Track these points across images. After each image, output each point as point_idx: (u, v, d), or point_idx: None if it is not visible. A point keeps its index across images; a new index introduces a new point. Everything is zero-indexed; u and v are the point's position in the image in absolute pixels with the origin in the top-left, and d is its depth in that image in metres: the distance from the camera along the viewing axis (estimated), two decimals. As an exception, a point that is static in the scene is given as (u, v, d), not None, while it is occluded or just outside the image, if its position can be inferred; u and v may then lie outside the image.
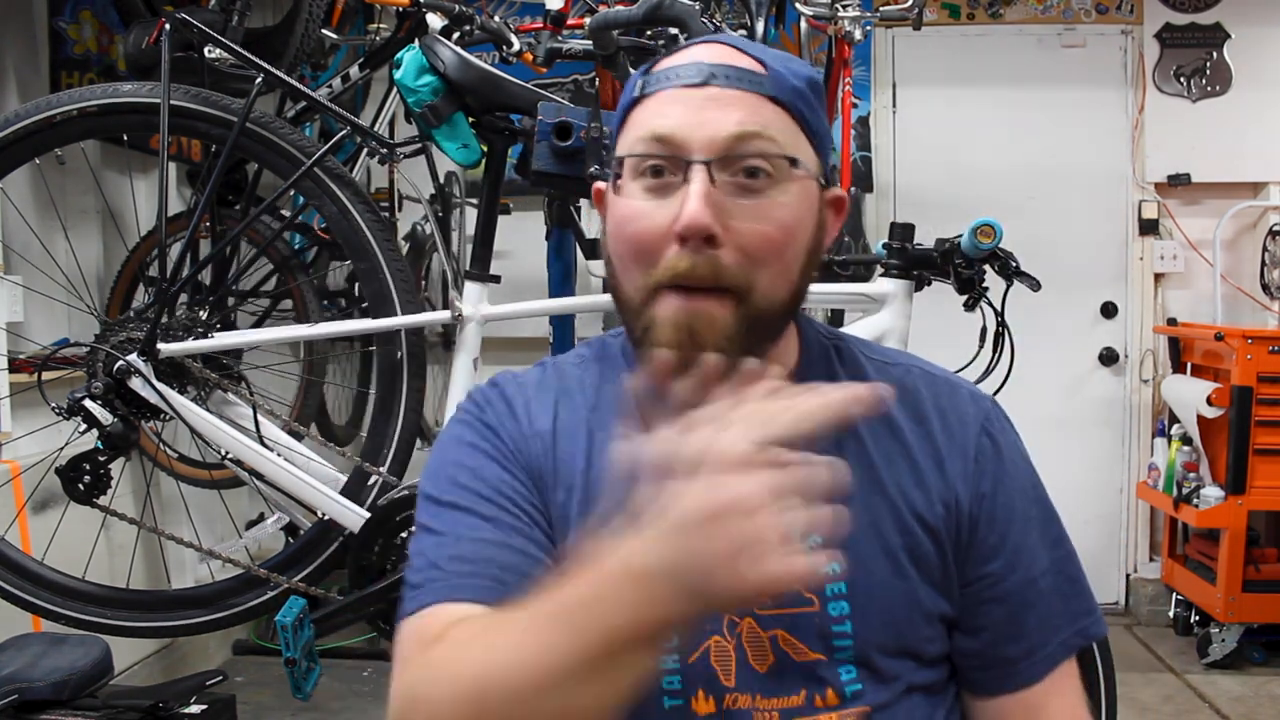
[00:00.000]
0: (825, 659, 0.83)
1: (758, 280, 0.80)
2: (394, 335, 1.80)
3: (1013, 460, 0.92)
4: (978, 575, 0.88)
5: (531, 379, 0.94)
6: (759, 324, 0.81)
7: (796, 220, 0.82)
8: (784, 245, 0.82)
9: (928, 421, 0.90)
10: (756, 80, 0.82)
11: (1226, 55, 3.70)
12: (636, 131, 0.83)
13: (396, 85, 1.72)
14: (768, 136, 0.81)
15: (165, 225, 1.82)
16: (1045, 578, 0.90)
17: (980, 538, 0.88)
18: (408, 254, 3.04)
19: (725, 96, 0.81)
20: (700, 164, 0.79)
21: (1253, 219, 3.74)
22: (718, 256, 0.79)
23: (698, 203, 0.78)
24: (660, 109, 0.82)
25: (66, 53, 2.77)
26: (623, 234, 0.83)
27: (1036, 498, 0.93)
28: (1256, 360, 3.19)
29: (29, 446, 2.29)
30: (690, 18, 1.66)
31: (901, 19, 2.63)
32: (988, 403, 0.94)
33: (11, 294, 2.42)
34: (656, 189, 0.81)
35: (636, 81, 0.86)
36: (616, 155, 0.85)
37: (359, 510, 1.75)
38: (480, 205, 1.81)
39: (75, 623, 1.83)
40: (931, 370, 0.95)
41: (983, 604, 0.88)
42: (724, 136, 0.80)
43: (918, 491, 0.87)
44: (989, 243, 1.67)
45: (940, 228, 1.82)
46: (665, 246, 0.80)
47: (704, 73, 0.82)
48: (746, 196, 0.80)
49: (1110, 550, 3.84)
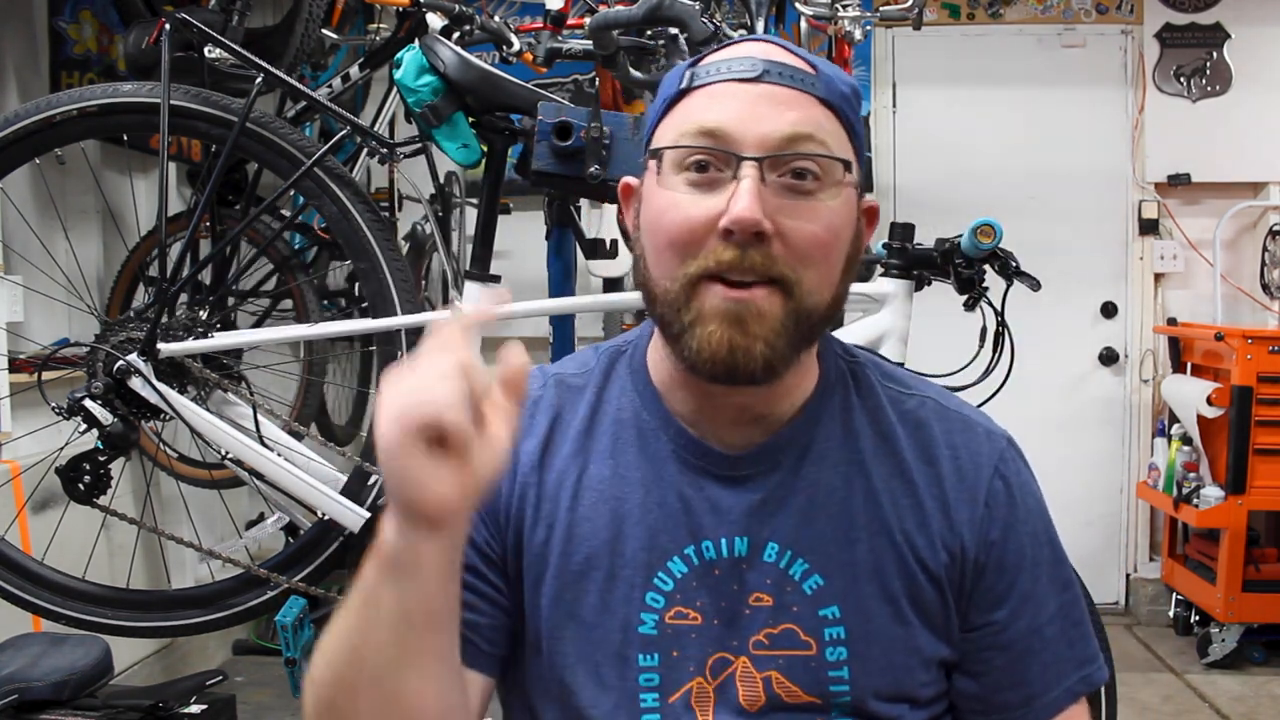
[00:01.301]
0: (819, 702, 0.82)
1: (804, 277, 0.78)
2: (394, 335, 1.79)
3: (1025, 504, 0.89)
4: (983, 622, 0.86)
5: (530, 400, 0.89)
6: (806, 321, 0.79)
7: (842, 224, 0.81)
8: (830, 247, 0.80)
9: (938, 463, 0.87)
10: (809, 81, 0.80)
11: (1226, 55, 3.70)
12: (684, 124, 0.81)
13: (396, 85, 1.71)
14: (819, 139, 0.79)
15: (165, 225, 1.82)
16: (1052, 625, 0.88)
17: (987, 585, 0.86)
18: (408, 254, 3.04)
19: (779, 94, 0.79)
20: (753, 161, 0.77)
21: (1253, 219, 3.74)
22: (767, 249, 0.77)
23: (750, 199, 0.76)
24: (711, 102, 0.80)
25: (66, 53, 2.77)
26: (661, 223, 0.80)
27: (1047, 540, 0.90)
28: (1256, 360, 3.19)
29: (29, 446, 2.29)
30: (690, 18, 1.65)
31: (901, 19, 2.63)
32: (1002, 441, 0.91)
33: (11, 294, 2.42)
34: (702, 184, 0.79)
35: (682, 73, 0.83)
36: (657, 147, 0.82)
37: (359, 510, 1.75)
38: (480, 205, 1.81)
39: (75, 623, 1.83)
40: (947, 404, 0.92)
41: (985, 650, 0.87)
42: (779, 135, 0.78)
43: (921, 535, 0.85)
44: (989, 243, 1.67)
45: (940, 228, 1.82)
46: (707, 239, 0.78)
47: (758, 68, 0.80)
48: (795, 197, 0.78)
49: (1110, 550, 3.84)
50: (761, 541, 0.84)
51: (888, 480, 0.86)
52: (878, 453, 0.87)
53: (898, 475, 0.87)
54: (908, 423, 0.89)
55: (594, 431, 0.89)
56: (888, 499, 0.86)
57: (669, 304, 0.80)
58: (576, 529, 0.86)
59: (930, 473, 0.87)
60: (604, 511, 0.86)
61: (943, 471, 0.87)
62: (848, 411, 0.89)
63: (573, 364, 0.95)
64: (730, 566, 0.84)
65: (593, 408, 0.90)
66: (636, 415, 0.88)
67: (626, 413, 0.89)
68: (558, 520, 0.86)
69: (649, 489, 0.86)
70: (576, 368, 0.94)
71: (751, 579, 0.84)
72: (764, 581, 0.83)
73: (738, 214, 0.76)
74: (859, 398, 0.90)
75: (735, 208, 0.76)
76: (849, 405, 0.89)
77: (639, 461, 0.87)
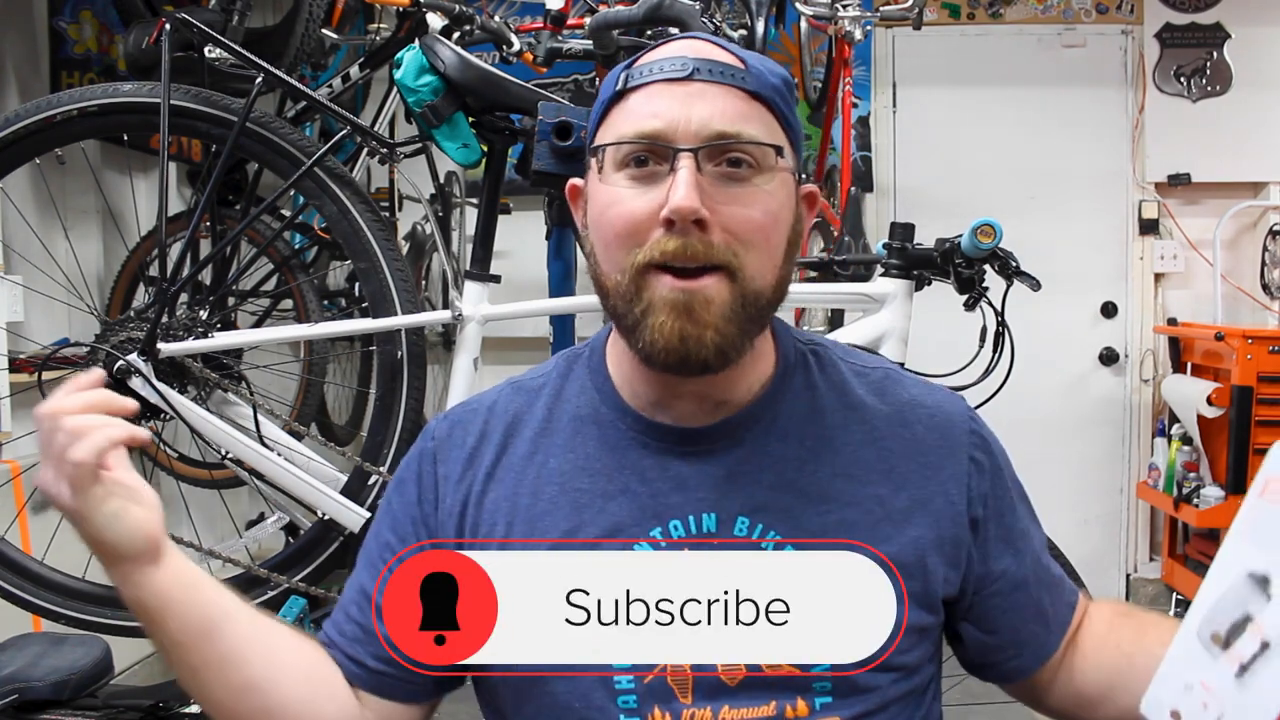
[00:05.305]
0: (799, 674, 0.82)
1: (747, 261, 0.81)
2: (394, 335, 1.79)
3: (998, 451, 0.94)
4: (998, 571, 0.90)
5: (484, 407, 0.94)
6: (753, 305, 0.82)
7: (780, 207, 0.84)
8: (770, 230, 0.83)
9: (913, 424, 0.90)
10: (739, 76, 0.83)
11: (1226, 55, 3.70)
12: (622, 124, 0.84)
13: (396, 85, 1.72)
14: (750, 129, 0.82)
15: (165, 225, 1.82)
16: (1044, 551, 0.96)
17: (991, 534, 0.90)
18: (408, 254, 3.04)
19: (709, 91, 0.82)
20: (688, 152, 0.80)
21: (1253, 219, 3.74)
22: (707, 236, 0.80)
23: (687, 188, 0.79)
24: (646, 102, 0.83)
25: (66, 53, 2.77)
26: (605, 217, 0.83)
27: (1015, 477, 0.95)
28: (1256, 360, 3.19)
29: (29, 446, 2.29)
30: (690, 18, 1.66)
31: (901, 19, 2.63)
32: (963, 401, 0.95)
33: (11, 294, 2.42)
34: (641, 178, 0.82)
35: (618, 76, 0.86)
36: (598, 144, 0.85)
37: (359, 510, 1.75)
38: (480, 205, 1.81)
39: (75, 623, 1.83)
40: (907, 374, 0.96)
41: (1007, 594, 0.91)
42: (710, 128, 0.81)
43: (899, 498, 0.86)
44: (989, 243, 1.67)
45: (940, 228, 1.82)
46: (650, 230, 0.80)
47: (689, 66, 0.83)
48: (731, 185, 0.81)
49: (1110, 550, 3.84)
50: (730, 516, 0.85)
51: (857, 449, 0.88)
52: (846, 423, 0.89)
53: (869, 443, 0.88)
54: (874, 390, 0.91)
55: (551, 429, 0.91)
56: (859, 468, 0.87)
57: (620, 296, 0.83)
58: (538, 523, 0.87)
59: (907, 434, 0.89)
60: (564, 504, 0.87)
61: (919, 432, 0.90)
62: (810, 389, 0.91)
63: (531, 371, 0.97)
64: (700, 540, 0.85)
65: (549, 407, 0.92)
66: (595, 410, 0.90)
67: (585, 409, 0.91)
68: (517, 518, 0.87)
69: (611, 477, 0.87)
70: (533, 373, 0.97)
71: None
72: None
73: (676, 203, 0.78)
74: (821, 375, 0.92)
75: (674, 198, 0.79)
76: (811, 383, 0.91)
77: (600, 452, 0.88)
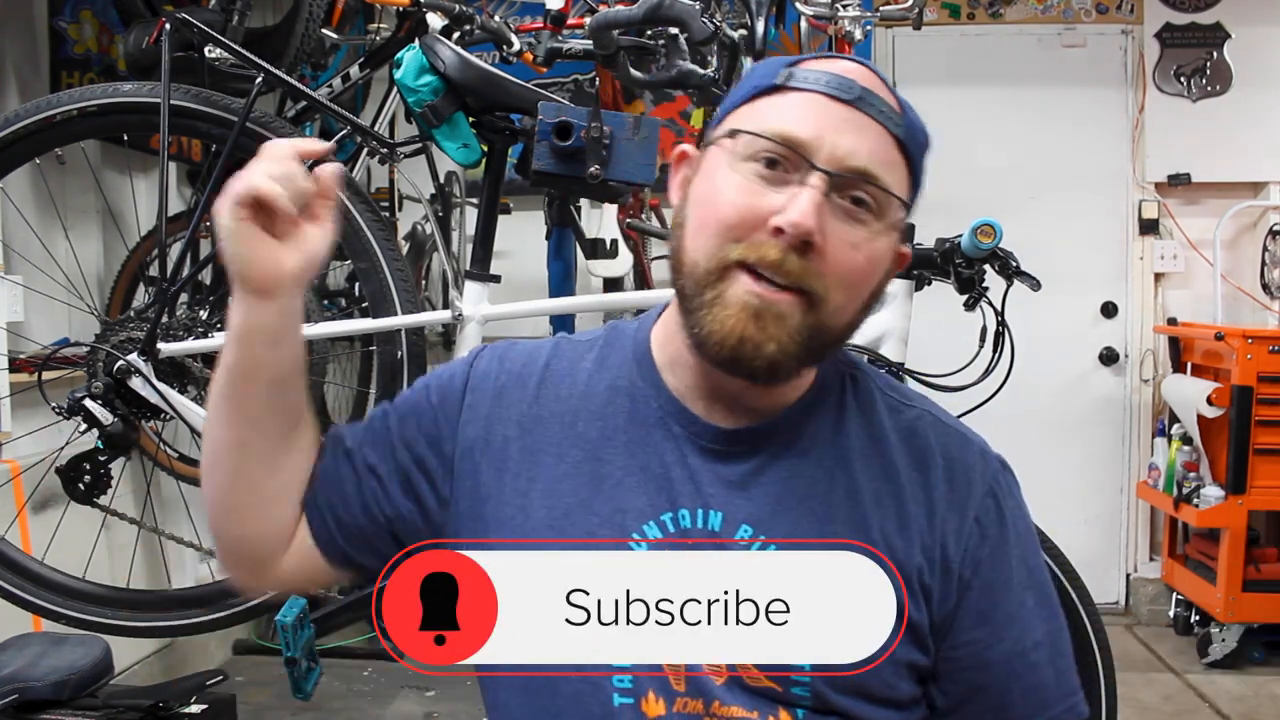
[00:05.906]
0: (780, 690, 0.82)
1: (832, 296, 0.80)
2: (394, 335, 1.79)
3: (1015, 527, 0.90)
4: (966, 639, 0.87)
5: (524, 356, 0.96)
6: (820, 337, 0.82)
7: (880, 260, 0.84)
8: (865, 276, 0.83)
9: (929, 470, 0.88)
10: (896, 120, 0.83)
11: (1226, 55, 3.70)
12: (770, 120, 0.82)
13: (396, 85, 1.71)
14: (889, 176, 0.82)
15: (165, 225, 1.82)
16: (1037, 651, 0.88)
17: (972, 602, 0.86)
18: (408, 254, 3.04)
19: (866, 124, 0.82)
20: (823, 174, 0.79)
21: (1253, 219, 3.74)
22: (807, 260, 0.79)
23: (811, 206, 0.78)
24: (800, 110, 0.82)
25: (66, 53, 2.77)
26: (717, 201, 0.82)
27: (1035, 566, 0.90)
28: (1256, 360, 3.19)
29: (29, 446, 2.29)
30: (690, 18, 1.65)
31: (901, 19, 2.63)
32: (996, 463, 0.92)
33: (11, 294, 2.42)
34: (768, 178, 0.81)
35: (780, 69, 0.85)
36: (739, 128, 0.83)
37: (359, 510, 1.75)
38: (480, 205, 1.80)
39: (75, 623, 1.83)
40: (946, 420, 0.93)
41: (967, 669, 0.87)
42: (854, 160, 0.80)
43: (900, 537, 0.86)
44: (989, 243, 1.66)
45: (940, 228, 1.82)
46: (755, 231, 0.80)
47: (856, 91, 0.82)
48: (849, 222, 0.81)
49: (1110, 550, 3.84)
50: (735, 522, 0.85)
51: (873, 481, 0.87)
52: (866, 454, 0.88)
53: (884, 478, 0.88)
54: (903, 430, 0.90)
55: (591, 391, 0.91)
56: (870, 498, 0.86)
57: (695, 278, 0.82)
58: (559, 485, 0.88)
59: (920, 479, 0.88)
60: (586, 470, 0.88)
61: (934, 479, 0.88)
62: (841, 411, 0.90)
63: (581, 333, 0.99)
64: (702, 539, 0.85)
65: (591, 370, 0.93)
66: (631, 383, 0.91)
67: (623, 380, 0.91)
68: (539, 474, 0.88)
69: (633, 453, 0.88)
70: (583, 335, 0.98)
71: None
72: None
73: (796, 218, 0.78)
74: (855, 401, 0.91)
75: (794, 211, 0.78)
76: (843, 405, 0.91)
77: (627, 425, 0.89)
